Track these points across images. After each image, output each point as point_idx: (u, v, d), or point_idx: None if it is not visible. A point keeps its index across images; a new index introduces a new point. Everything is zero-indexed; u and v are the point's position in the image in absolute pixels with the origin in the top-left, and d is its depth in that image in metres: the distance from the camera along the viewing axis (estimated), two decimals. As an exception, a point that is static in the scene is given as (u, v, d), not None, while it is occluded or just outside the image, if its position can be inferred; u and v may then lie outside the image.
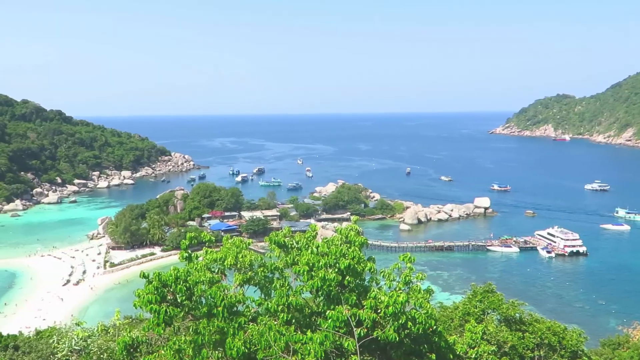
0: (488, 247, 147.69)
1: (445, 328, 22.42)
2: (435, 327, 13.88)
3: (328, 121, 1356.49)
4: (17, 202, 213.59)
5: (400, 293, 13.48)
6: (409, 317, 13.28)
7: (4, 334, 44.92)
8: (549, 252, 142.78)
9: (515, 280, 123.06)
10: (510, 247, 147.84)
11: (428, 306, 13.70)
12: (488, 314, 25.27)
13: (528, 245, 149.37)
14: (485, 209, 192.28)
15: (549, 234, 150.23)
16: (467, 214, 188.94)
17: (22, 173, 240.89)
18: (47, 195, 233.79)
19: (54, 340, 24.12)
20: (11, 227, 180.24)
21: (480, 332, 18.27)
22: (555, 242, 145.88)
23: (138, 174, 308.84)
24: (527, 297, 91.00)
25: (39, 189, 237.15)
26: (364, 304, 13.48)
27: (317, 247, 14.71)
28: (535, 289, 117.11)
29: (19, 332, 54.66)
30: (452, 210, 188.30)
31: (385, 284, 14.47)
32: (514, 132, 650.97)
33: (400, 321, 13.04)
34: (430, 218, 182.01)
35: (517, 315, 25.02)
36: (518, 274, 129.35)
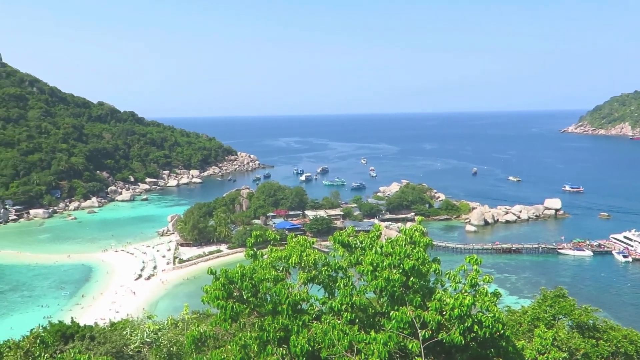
0: (559, 250, 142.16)
1: (513, 333, 21.79)
2: (502, 331, 13.50)
3: (392, 120, 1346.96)
4: (93, 199, 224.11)
5: (466, 295, 13.19)
6: (475, 320, 12.98)
7: (82, 324, 47.22)
8: (625, 256, 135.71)
9: (589, 286, 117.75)
10: (583, 250, 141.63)
11: (495, 310, 13.33)
12: (559, 319, 24.35)
13: (602, 249, 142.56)
14: (556, 210, 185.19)
15: (625, 237, 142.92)
16: (536, 216, 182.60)
17: (98, 172, 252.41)
18: (120, 193, 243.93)
19: (127, 332, 25.12)
20: (88, 223, 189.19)
21: (551, 338, 17.62)
22: (632, 246, 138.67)
23: (206, 173, 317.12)
24: (601, 303, 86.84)
25: (113, 187, 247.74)
26: (429, 305, 13.29)
27: (381, 247, 14.62)
28: (610, 296, 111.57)
29: (95, 323, 57.28)
30: (520, 212, 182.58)
31: (450, 285, 14.21)
32: (587, 131, 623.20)
33: (466, 324, 12.77)
34: (498, 219, 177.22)
35: (590, 321, 23.95)
36: (591, 279, 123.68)
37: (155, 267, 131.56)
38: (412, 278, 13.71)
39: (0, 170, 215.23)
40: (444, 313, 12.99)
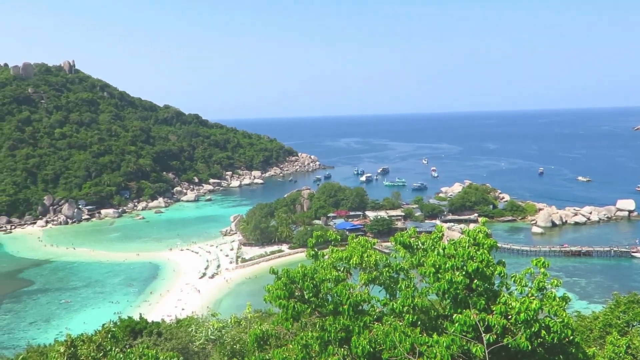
0: (633, 254, 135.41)
1: (583, 339, 20.92)
2: (572, 337, 12.98)
3: (453, 119, 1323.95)
4: (160, 199, 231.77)
5: (533, 299, 12.76)
6: (543, 325, 12.54)
7: (149, 320, 48.87)
8: None
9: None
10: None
11: (564, 314, 12.83)
12: (633, 326, 23.20)
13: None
14: (630, 212, 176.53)
15: None
16: (607, 217, 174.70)
17: (164, 173, 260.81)
18: (185, 194, 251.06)
19: (192, 329, 25.83)
20: (155, 223, 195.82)
21: (624, 346, 16.80)
22: None
23: (267, 174, 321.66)
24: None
25: (178, 188, 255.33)
26: (494, 309, 12.95)
27: (444, 249, 14.36)
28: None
29: (162, 319, 59.22)
30: (590, 213, 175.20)
31: (516, 289, 13.78)
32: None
33: (532, 329, 12.35)
34: (566, 221, 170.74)
35: (668, 329, 22.71)
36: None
37: (218, 266, 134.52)
38: (475, 280, 13.39)
39: (74, 172, 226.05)
40: (510, 317, 12.62)
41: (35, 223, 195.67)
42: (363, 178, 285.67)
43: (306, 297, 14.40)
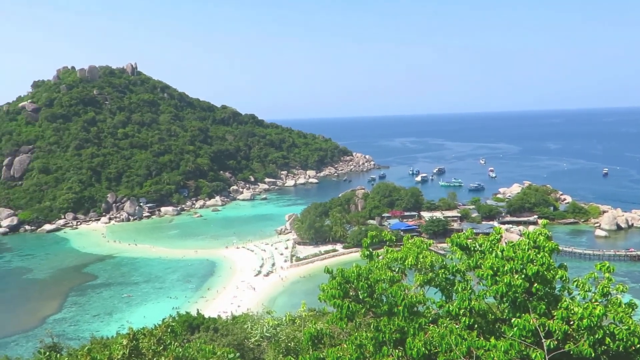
0: None
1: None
2: (638, 345, 12.43)
3: (512, 118, 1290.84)
4: (217, 198, 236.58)
5: (597, 305, 12.29)
6: (607, 332, 12.06)
7: (206, 316, 49.95)
8: None
9: None
10: None
11: (630, 322, 12.29)
12: None
13: None
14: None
15: None
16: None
17: (221, 172, 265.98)
18: (242, 192, 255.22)
19: (248, 326, 26.24)
20: (212, 221, 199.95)
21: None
22: None
23: (322, 173, 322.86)
24: None
25: (235, 187, 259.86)
26: (554, 314, 12.55)
27: (502, 251, 14.03)
28: None
29: (218, 315, 60.40)
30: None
31: (579, 294, 13.31)
32: None
33: (596, 336, 11.90)
34: (633, 224, 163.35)
35: None
36: None
37: (273, 264, 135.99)
38: (535, 284, 13.01)
39: (135, 171, 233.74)
40: (572, 323, 12.20)
41: (99, 220, 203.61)
42: (418, 178, 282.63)
43: (361, 297, 14.37)
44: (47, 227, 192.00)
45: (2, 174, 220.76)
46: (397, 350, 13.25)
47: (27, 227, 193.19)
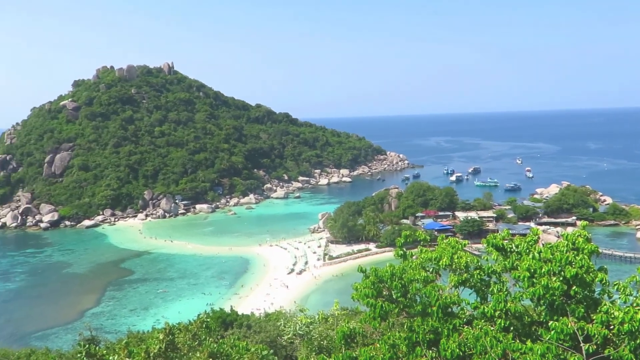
0: None
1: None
2: (682, 352, 12.04)
3: (551, 117, 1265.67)
4: (251, 196, 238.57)
5: (638, 309, 11.96)
6: (650, 337, 11.72)
7: (239, 313, 50.46)
8: None
9: None
10: None
11: (673, 327, 11.92)
12: None
13: None
14: None
15: None
16: None
17: (255, 170, 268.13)
18: (275, 191, 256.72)
19: (281, 323, 26.38)
20: (246, 219, 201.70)
21: None
22: None
23: (355, 172, 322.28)
24: None
25: (269, 185, 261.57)
26: (594, 318, 12.25)
27: (539, 253, 13.77)
28: None
29: (251, 312, 61.00)
30: None
31: (619, 297, 12.96)
32: None
33: (637, 341, 11.58)
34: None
35: None
36: None
37: (306, 263, 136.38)
38: (574, 287, 12.73)
39: (171, 168, 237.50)
40: (612, 327, 11.90)
41: (136, 216, 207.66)
42: (453, 178, 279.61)
43: (394, 296, 14.30)
44: (86, 222, 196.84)
45: (43, 171, 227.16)
46: (430, 351, 13.15)
47: (67, 222, 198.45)
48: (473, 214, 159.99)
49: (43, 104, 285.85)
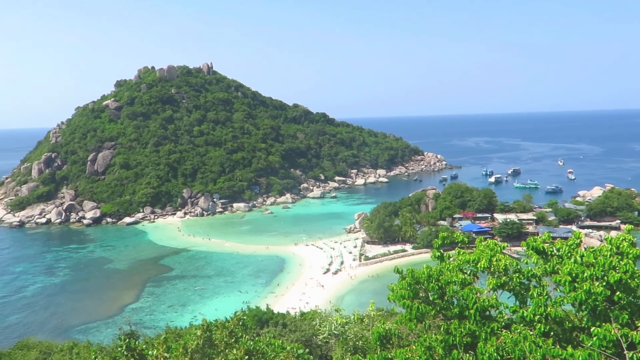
0: None
1: None
2: None
3: (594, 118, 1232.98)
4: (288, 195, 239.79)
5: (686, 317, 11.56)
6: (698, 346, 11.31)
7: (275, 311, 50.77)
8: None
9: None
10: None
11: None
12: None
13: None
14: None
15: None
16: None
17: (292, 170, 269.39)
18: (312, 190, 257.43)
19: (316, 323, 26.43)
20: (282, 218, 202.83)
21: None
22: None
23: (392, 173, 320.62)
24: None
25: (305, 184, 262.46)
26: (639, 325, 11.91)
27: (582, 257, 13.45)
28: None
29: (287, 311, 61.27)
30: None
31: (666, 304, 12.56)
32: None
33: (685, 350, 11.20)
34: None
35: None
36: None
37: (342, 263, 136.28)
38: (618, 292, 12.39)
39: (209, 167, 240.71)
40: (658, 335, 11.52)
41: (175, 214, 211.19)
42: (492, 179, 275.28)
43: (431, 298, 14.18)
44: (127, 219, 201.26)
45: (87, 169, 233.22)
46: (467, 355, 12.98)
47: (109, 219, 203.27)
48: (512, 216, 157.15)
49: (87, 103, 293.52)
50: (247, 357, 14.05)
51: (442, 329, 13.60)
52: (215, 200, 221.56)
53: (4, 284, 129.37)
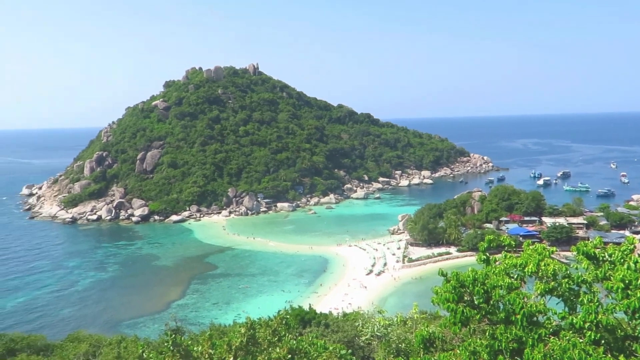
0: None
1: None
2: None
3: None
4: (331, 195, 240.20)
5: None
6: None
7: (318, 311, 50.87)
8: None
9: None
10: None
11: None
12: None
13: None
14: None
15: None
16: None
17: (335, 170, 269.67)
18: (355, 191, 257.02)
19: (359, 324, 26.37)
20: (325, 218, 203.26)
21: None
22: None
23: (437, 174, 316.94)
24: None
25: (349, 185, 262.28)
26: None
27: (636, 263, 12.99)
28: None
29: (329, 311, 61.30)
30: None
31: None
32: None
33: None
34: None
35: None
36: None
37: (385, 264, 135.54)
38: (674, 301, 11.91)
39: (254, 167, 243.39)
40: None
41: (220, 213, 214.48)
42: (540, 181, 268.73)
43: (476, 302, 13.96)
44: (174, 217, 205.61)
45: (136, 167, 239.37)
46: (513, 361, 12.72)
47: (156, 217, 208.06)
48: (561, 220, 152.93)
49: (137, 103, 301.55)
50: (290, 356, 14.14)
51: (487, 333, 13.37)
52: (259, 199, 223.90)
53: (58, 278, 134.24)
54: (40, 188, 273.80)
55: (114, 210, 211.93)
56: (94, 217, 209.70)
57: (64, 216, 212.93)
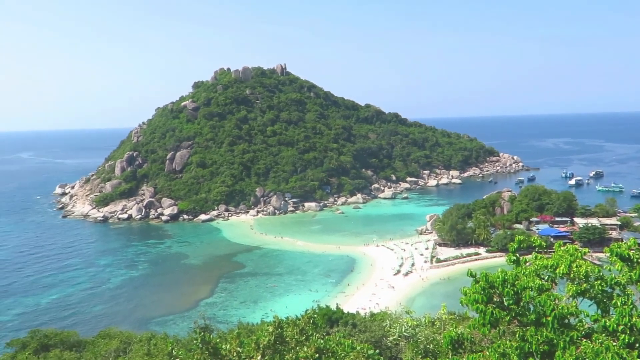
0: None
1: None
2: None
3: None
4: (359, 195, 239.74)
5: None
6: None
7: (345, 311, 50.88)
8: None
9: None
10: None
11: None
12: None
13: None
14: None
15: None
16: None
17: (363, 170, 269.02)
18: (383, 191, 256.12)
19: (386, 324, 26.28)
20: (353, 218, 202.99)
21: None
22: None
23: (466, 174, 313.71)
24: None
25: (376, 185, 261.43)
26: None
27: (671, 265, 12.68)
28: None
29: (357, 311, 61.26)
30: None
31: None
32: None
33: None
34: None
35: None
36: None
37: (413, 264, 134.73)
38: None
39: (282, 167, 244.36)
40: None
41: (248, 212, 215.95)
42: (572, 181, 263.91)
43: (505, 303, 13.79)
44: (202, 217, 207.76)
45: (165, 167, 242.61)
46: (544, 363, 12.53)
47: (185, 216, 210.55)
48: (594, 221, 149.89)
49: (166, 104, 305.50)
50: (317, 355, 14.17)
51: (517, 335, 13.20)
52: (287, 199, 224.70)
53: (91, 276, 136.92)
54: (72, 187, 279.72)
55: (144, 210, 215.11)
56: (125, 216, 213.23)
57: (95, 215, 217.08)
